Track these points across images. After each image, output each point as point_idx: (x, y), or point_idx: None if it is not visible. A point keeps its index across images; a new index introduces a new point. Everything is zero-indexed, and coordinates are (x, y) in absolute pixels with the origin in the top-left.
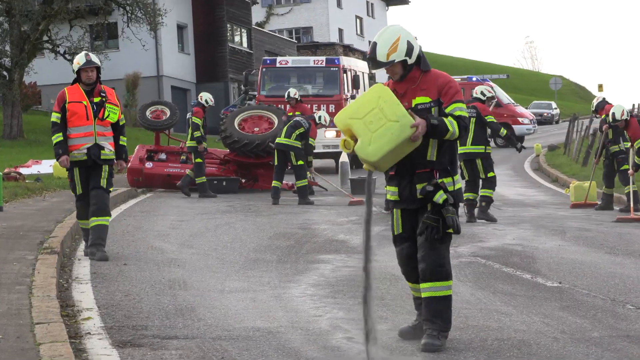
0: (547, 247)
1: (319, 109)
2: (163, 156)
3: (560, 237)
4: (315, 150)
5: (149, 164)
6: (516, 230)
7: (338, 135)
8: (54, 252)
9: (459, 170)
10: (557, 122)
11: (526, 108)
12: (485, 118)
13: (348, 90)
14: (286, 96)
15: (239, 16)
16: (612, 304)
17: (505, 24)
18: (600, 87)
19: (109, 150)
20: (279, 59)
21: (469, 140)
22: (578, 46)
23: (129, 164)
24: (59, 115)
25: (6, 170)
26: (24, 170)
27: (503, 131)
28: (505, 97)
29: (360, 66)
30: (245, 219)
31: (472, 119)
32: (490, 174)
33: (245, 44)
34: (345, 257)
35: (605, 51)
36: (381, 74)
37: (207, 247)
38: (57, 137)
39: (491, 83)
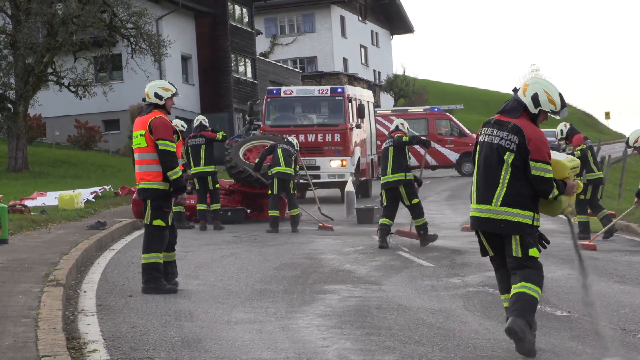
0: (556, 276)
1: (324, 138)
2: None
3: (569, 266)
4: (319, 180)
5: None
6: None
7: (343, 164)
8: (59, 285)
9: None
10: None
11: None
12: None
13: (353, 120)
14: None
15: (243, 46)
16: (623, 334)
17: (510, 51)
18: (607, 115)
19: None
20: (283, 88)
21: (389, 169)
22: (584, 73)
23: (134, 196)
24: (174, 145)
25: (11, 203)
26: (29, 203)
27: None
28: (465, 128)
29: (365, 95)
30: (251, 250)
31: (390, 148)
32: (414, 201)
33: (249, 74)
34: (352, 287)
35: (613, 78)
36: (387, 105)
37: (213, 278)
38: (180, 170)
39: (447, 114)
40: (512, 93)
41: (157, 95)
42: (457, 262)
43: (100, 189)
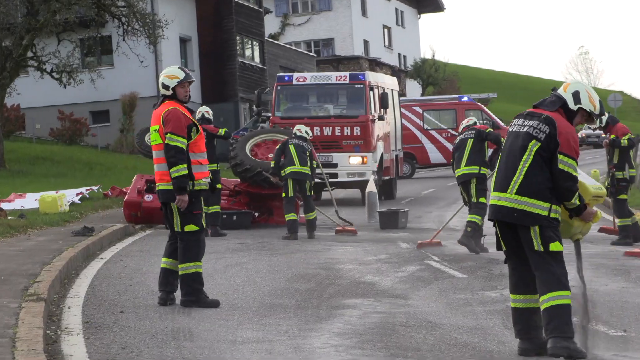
0: (609, 289)
1: (342, 132)
2: None
3: (623, 278)
4: (337, 179)
5: (148, 197)
6: (571, 270)
7: (364, 161)
8: (40, 299)
9: None
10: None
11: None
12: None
13: (375, 110)
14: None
15: (250, 27)
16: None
17: (554, 31)
18: None
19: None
20: (296, 75)
21: (464, 161)
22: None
23: (126, 197)
24: (186, 140)
25: None
26: (5, 206)
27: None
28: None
29: (388, 82)
30: (259, 259)
31: (469, 139)
32: (482, 199)
33: (257, 59)
34: (375, 301)
35: None
36: (414, 93)
37: (215, 291)
38: (185, 168)
39: (479, 104)
40: (551, 92)
41: (164, 86)
42: (495, 273)
43: (87, 190)
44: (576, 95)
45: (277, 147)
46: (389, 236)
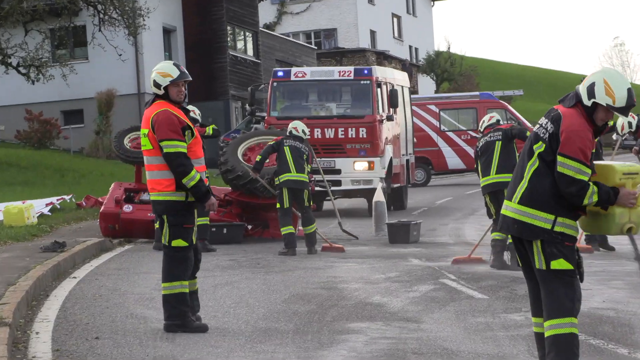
0: (634, 309)
1: (346, 134)
2: (146, 197)
3: None
4: (340, 187)
5: (127, 207)
6: (607, 290)
7: (371, 167)
8: (4, 324)
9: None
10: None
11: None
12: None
13: (383, 110)
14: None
15: (243, 16)
16: None
17: (586, 21)
18: None
19: None
20: (294, 70)
21: (494, 168)
22: None
23: (102, 208)
24: (185, 142)
25: None
26: None
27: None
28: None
29: (398, 78)
30: (253, 277)
31: (497, 142)
32: None
33: (250, 52)
34: (383, 325)
35: None
36: (427, 90)
37: (203, 314)
38: (197, 173)
39: (502, 102)
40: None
41: (155, 84)
42: (519, 293)
43: (58, 200)
44: (590, 89)
45: (269, 144)
46: (399, 251)
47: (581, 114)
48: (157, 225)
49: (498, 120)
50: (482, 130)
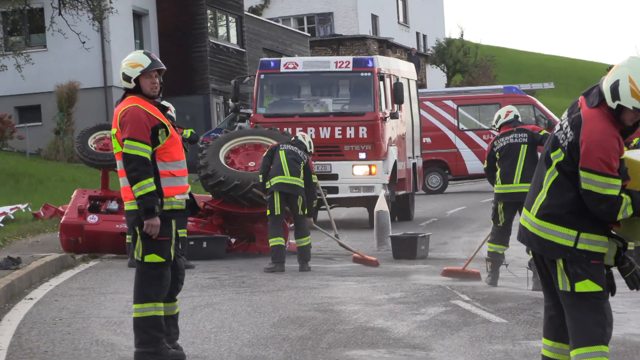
0: None
1: (343, 134)
2: (114, 205)
3: None
4: (337, 195)
5: (92, 218)
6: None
7: (372, 171)
8: None
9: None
10: None
11: None
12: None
13: (387, 106)
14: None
15: None
16: None
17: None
18: None
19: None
20: (284, 60)
21: (518, 175)
22: None
23: (63, 219)
24: (150, 147)
25: None
26: None
27: None
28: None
29: (404, 70)
30: (237, 298)
31: (522, 145)
32: None
33: (234, 39)
34: (386, 353)
35: None
36: (437, 83)
37: (180, 339)
38: (152, 184)
39: (530, 97)
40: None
41: (125, 76)
42: (542, 316)
43: (12, 209)
44: (614, 88)
45: (265, 154)
46: (405, 268)
47: (606, 115)
48: (129, 239)
49: (517, 117)
50: (497, 127)
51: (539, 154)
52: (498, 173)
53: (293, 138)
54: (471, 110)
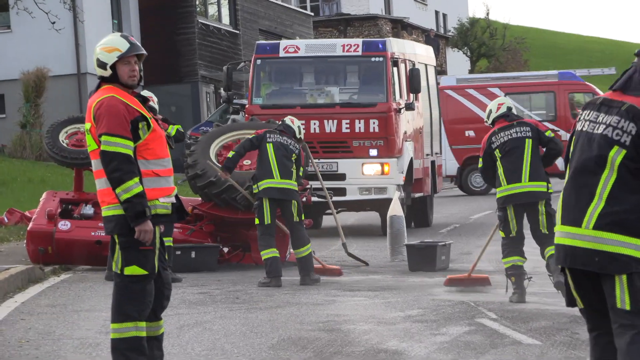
0: None
1: (352, 128)
2: (89, 210)
3: None
4: (344, 198)
5: (64, 224)
6: None
7: (385, 171)
8: None
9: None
10: None
11: None
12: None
13: (401, 96)
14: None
15: None
16: None
17: None
18: None
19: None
20: (283, 43)
21: (526, 173)
22: None
23: (30, 225)
24: (131, 142)
25: None
26: None
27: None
28: None
29: (421, 54)
30: (230, 316)
31: (527, 140)
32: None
33: (226, 19)
34: None
35: None
36: (459, 69)
37: None
38: (138, 184)
39: (589, 84)
40: (636, 58)
41: (100, 63)
42: (582, 338)
43: None
44: None
45: (248, 137)
46: (423, 282)
47: None
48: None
49: (510, 109)
50: (490, 122)
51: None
52: (501, 172)
53: (279, 122)
54: (521, 99)
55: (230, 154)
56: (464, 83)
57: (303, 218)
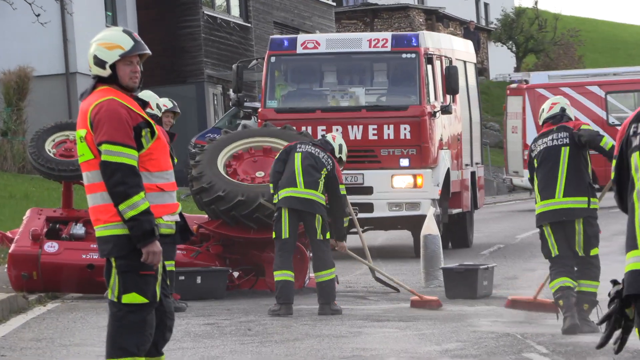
0: None
1: (379, 134)
2: (79, 229)
3: None
4: (371, 214)
5: (51, 246)
6: None
7: (418, 183)
8: None
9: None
10: None
11: None
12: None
13: (436, 97)
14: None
15: None
16: None
17: None
18: None
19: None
20: (301, 38)
21: (560, 187)
22: None
23: (12, 247)
24: (136, 151)
25: None
26: None
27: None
28: None
29: (459, 50)
30: (241, 350)
31: (563, 148)
32: (594, 251)
33: (235, 11)
34: None
35: None
36: (503, 66)
37: None
38: (145, 199)
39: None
40: None
41: (97, 61)
42: None
43: None
44: None
45: (277, 156)
46: (462, 310)
47: None
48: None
49: (563, 110)
50: (541, 124)
51: (587, 159)
52: (535, 185)
53: (319, 137)
54: (624, 99)
55: (270, 186)
56: (558, 80)
57: (328, 237)
